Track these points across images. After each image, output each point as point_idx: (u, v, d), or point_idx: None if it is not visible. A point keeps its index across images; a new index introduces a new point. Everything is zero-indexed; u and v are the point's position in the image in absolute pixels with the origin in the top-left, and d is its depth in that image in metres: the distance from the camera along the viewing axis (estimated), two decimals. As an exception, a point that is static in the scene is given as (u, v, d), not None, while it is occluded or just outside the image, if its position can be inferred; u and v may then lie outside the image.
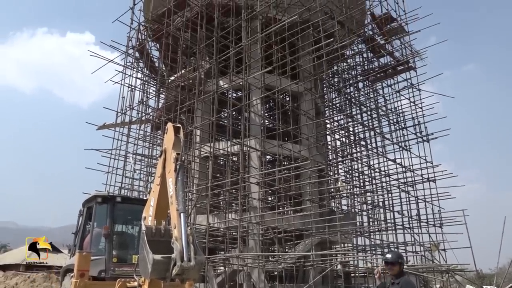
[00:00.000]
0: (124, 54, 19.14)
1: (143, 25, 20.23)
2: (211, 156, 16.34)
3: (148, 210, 5.84)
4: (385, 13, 20.63)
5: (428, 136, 18.31)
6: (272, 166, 20.05)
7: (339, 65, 21.62)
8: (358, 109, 20.08)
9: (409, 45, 19.84)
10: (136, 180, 18.40)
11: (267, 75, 16.96)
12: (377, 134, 19.38)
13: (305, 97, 18.43)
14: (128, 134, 18.22)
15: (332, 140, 20.01)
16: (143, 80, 19.54)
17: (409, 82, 19.31)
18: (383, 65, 20.47)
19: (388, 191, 18.44)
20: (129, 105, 18.53)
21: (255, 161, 16.82)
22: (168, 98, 19.49)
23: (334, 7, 17.94)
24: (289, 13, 16.87)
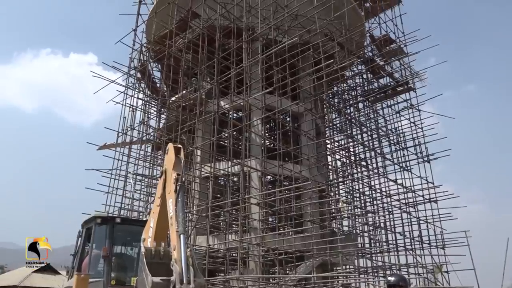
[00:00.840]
0: (126, 75, 19.34)
1: (145, 47, 20.49)
2: (211, 177, 16.30)
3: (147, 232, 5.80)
4: (384, 35, 20.92)
5: (429, 156, 18.30)
6: (273, 187, 19.97)
7: (339, 86, 21.78)
8: (359, 130, 20.12)
9: (409, 66, 20.02)
10: (136, 200, 18.33)
11: (267, 96, 17.06)
12: (378, 154, 19.36)
13: (305, 117, 18.49)
14: (128, 154, 18.25)
15: (332, 160, 20.00)
16: (145, 100, 19.67)
17: (409, 103, 19.42)
18: (383, 86, 20.61)
19: (390, 212, 18.31)
20: (130, 125, 18.62)
21: (255, 182, 16.77)
22: (169, 118, 19.57)
23: (334, 29, 18.17)
24: (289, 35, 17.09)
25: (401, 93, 20.18)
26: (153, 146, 19.79)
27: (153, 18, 19.90)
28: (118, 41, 19.23)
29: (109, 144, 19.17)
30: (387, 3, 21.43)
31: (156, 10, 19.87)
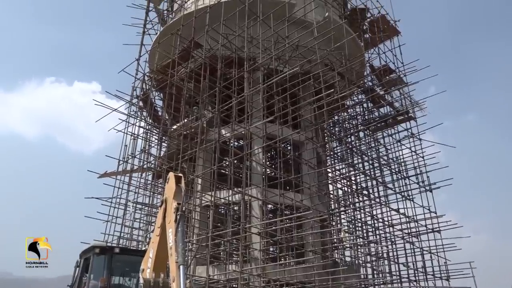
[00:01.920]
0: (128, 104, 19.51)
1: (147, 76, 20.76)
2: (212, 205, 16.17)
3: (146, 262, 5.70)
4: (383, 65, 21.24)
5: (431, 185, 18.22)
6: (274, 216, 19.78)
7: (339, 115, 21.90)
8: (360, 159, 20.10)
9: (409, 95, 20.21)
10: (136, 229, 18.14)
11: (268, 125, 17.13)
12: (379, 183, 19.27)
13: (306, 146, 18.51)
14: (129, 183, 18.17)
15: (334, 189, 19.88)
16: (146, 128, 19.77)
17: (410, 132, 19.48)
18: (383, 115, 20.73)
19: (392, 242, 18.07)
20: (131, 153, 18.63)
21: (256, 211, 16.61)
22: (170, 146, 19.60)
23: (334, 59, 18.43)
24: (290, 65, 17.33)
25: (401, 122, 20.28)
26: (154, 174, 19.74)
27: (156, 48, 20.25)
28: (121, 71, 19.54)
29: (109, 172, 19.12)
30: (386, 34, 21.85)
31: (159, 40, 20.24)
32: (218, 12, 17.83)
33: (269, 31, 17.34)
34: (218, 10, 17.94)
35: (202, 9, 18.72)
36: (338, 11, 21.66)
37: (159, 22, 23.13)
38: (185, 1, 20.96)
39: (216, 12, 17.91)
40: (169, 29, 20.13)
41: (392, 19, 22.13)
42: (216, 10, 18.03)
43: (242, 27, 17.55)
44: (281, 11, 17.50)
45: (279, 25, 17.40)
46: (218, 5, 18.28)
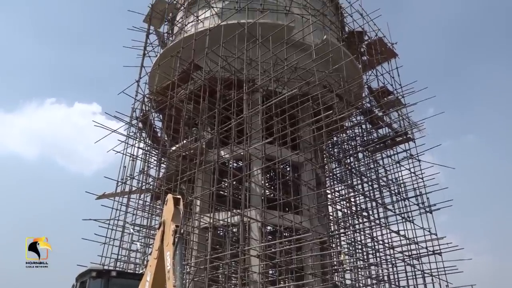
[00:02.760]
0: (128, 125, 19.55)
1: (147, 97, 20.87)
2: (210, 227, 16.02)
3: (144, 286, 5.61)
4: (381, 86, 21.42)
5: (431, 207, 18.11)
6: (273, 238, 19.59)
7: (338, 136, 21.95)
8: (359, 180, 20.05)
9: (407, 116, 20.30)
10: (133, 252, 17.90)
11: (267, 146, 17.14)
12: (379, 205, 19.17)
13: (305, 167, 18.48)
14: (127, 204, 18.02)
15: (333, 211, 19.77)
16: (145, 150, 19.75)
17: (409, 153, 19.49)
18: (382, 136, 20.78)
19: (393, 265, 17.87)
20: (130, 174, 18.56)
21: (255, 232, 16.45)
22: (169, 168, 19.55)
23: (333, 81, 18.59)
24: (289, 87, 17.46)
25: (400, 143, 20.32)
26: (152, 195, 19.62)
27: (156, 70, 20.43)
28: (120, 92, 19.65)
29: (108, 194, 18.99)
30: (383, 56, 22.12)
31: (159, 62, 20.43)
32: (217, 34, 18.07)
33: (268, 53, 17.54)
34: (217, 33, 18.18)
35: (202, 31, 18.98)
36: (336, 34, 21.97)
37: (159, 45, 23.41)
38: (185, 24, 21.26)
39: (216, 35, 18.15)
40: (169, 51, 20.36)
41: (389, 41, 22.46)
42: (216, 33, 18.28)
43: (241, 50, 17.75)
44: (280, 34, 17.74)
45: (278, 47, 17.61)
46: (217, 28, 18.54)
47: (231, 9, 19.61)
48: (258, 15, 18.79)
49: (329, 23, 20.88)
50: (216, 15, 19.93)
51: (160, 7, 22.08)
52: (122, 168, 18.56)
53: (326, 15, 20.81)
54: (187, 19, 21.32)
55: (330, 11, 22.28)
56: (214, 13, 20.02)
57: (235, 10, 19.20)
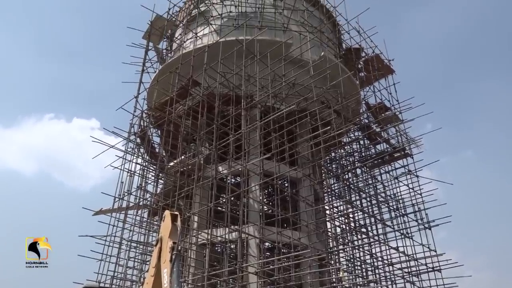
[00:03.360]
0: (126, 140, 19.52)
1: (145, 113, 20.90)
2: (208, 244, 15.88)
3: (140, 304, 5.53)
4: (379, 102, 21.54)
5: (430, 223, 18.04)
6: (271, 254, 19.42)
7: (336, 151, 21.96)
8: (357, 196, 19.99)
9: (405, 132, 20.36)
10: (130, 268, 17.69)
11: (266, 161, 17.12)
12: (378, 221, 19.07)
13: (303, 183, 18.43)
14: (124, 220, 17.88)
15: (332, 227, 19.66)
16: (143, 165, 19.69)
17: (407, 169, 19.49)
18: (380, 152, 20.80)
19: (392, 282, 17.68)
20: (127, 190, 18.46)
21: (253, 249, 16.31)
22: (167, 183, 19.47)
23: (330, 97, 18.68)
24: (287, 103, 17.53)
25: (398, 159, 20.33)
26: (150, 211, 19.49)
27: (155, 86, 20.51)
28: (119, 108, 19.71)
29: (105, 210, 18.89)
30: (381, 73, 22.30)
31: (158, 78, 20.53)
32: (216, 51, 18.20)
33: (266, 69, 17.65)
34: (216, 49, 18.32)
35: (201, 48, 19.13)
36: (334, 50, 22.17)
37: (158, 61, 23.56)
38: (184, 41, 21.44)
39: (214, 51, 18.28)
40: (167, 68, 20.48)
41: (386, 58, 22.68)
42: (214, 49, 18.42)
43: (239, 66, 17.86)
44: (278, 51, 17.88)
45: (276, 63, 17.73)
46: (216, 44, 18.69)
47: (229, 26, 19.82)
48: (256, 32, 18.98)
49: (326, 40, 21.10)
50: (214, 32, 20.13)
51: (159, 24, 22.29)
52: (120, 184, 18.49)
53: (323, 32, 21.04)
54: (186, 36, 21.53)
55: (328, 28, 22.53)
56: (212, 30, 20.22)
57: (233, 27, 19.41)
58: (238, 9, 20.58)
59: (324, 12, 22.47)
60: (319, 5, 22.34)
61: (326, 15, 22.75)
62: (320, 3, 22.33)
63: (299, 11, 20.73)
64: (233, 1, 20.80)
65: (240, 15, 20.38)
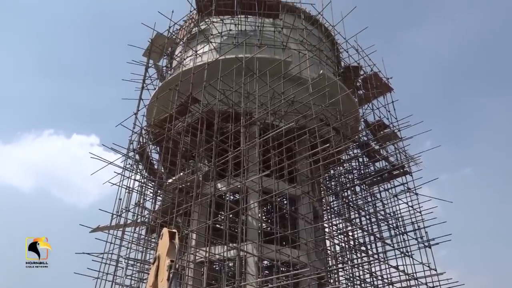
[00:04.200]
0: (125, 157, 19.51)
1: (145, 129, 20.93)
2: (206, 261, 15.71)
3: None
4: (377, 120, 21.62)
5: (430, 241, 17.90)
6: (270, 273, 19.21)
7: (335, 169, 21.95)
8: (357, 213, 19.90)
9: (403, 150, 20.39)
10: (127, 287, 17.46)
11: (264, 179, 17.07)
12: (377, 239, 18.94)
13: (302, 200, 18.36)
14: (121, 237, 17.73)
15: (331, 245, 19.51)
16: (141, 182, 19.62)
17: (406, 187, 19.44)
18: (379, 169, 20.80)
19: (393, 301, 17.44)
20: (126, 207, 18.35)
21: (252, 267, 16.14)
22: (165, 200, 19.38)
23: (329, 115, 18.76)
24: (286, 120, 17.59)
25: (397, 176, 20.31)
26: (148, 228, 19.34)
27: (154, 102, 20.60)
28: (118, 124, 19.74)
29: (102, 227, 18.72)
30: (379, 90, 22.46)
31: (158, 95, 20.65)
32: (216, 68, 18.35)
33: (266, 87, 17.76)
34: (216, 66, 18.47)
35: (201, 65, 19.28)
36: (332, 68, 22.37)
37: (158, 78, 23.71)
38: (184, 58, 21.63)
39: (214, 69, 18.43)
40: (167, 85, 20.61)
41: (384, 76, 22.88)
42: (214, 66, 18.57)
43: (239, 83, 17.98)
44: (277, 68, 18.04)
45: (275, 81, 17.86)
46: (216, 62, 18.85)
47: (229, 44, 20.03)
48: (256, 50, 19.16)
49: (325, 58, 21.30)
50: (214, 49, 20.33)
51: (160, 42, 22.51)
52: (118, 201, 18.39)
53: (322, 51, 21.26)
54: (186, 54, 21.72)
55: (326, 47, 22.77)
56: (212, 48, 20.42)
57: (233, 45, 19.60)
58: (238, 28, 20.85)
59: (323, 31, 22.75)
60: (318, 24, 22.63)
61: (325, 34, 23.03)
62: (319, 22, 22.61)
63: (298, 29, 20.99)
64: (233, 20, 21.07)
65: (239, 34, 20.63)
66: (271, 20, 21.28)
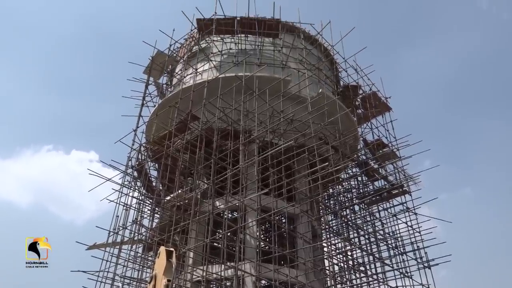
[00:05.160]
0: (123, 174, 19.42)
1: (144, 146, 20.91)
2: (203, 281, 15.50)
3: None
4: (376, 139, 21.67)
5: (429, 262, 17.72)
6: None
7: (334, 188, 21.88)
8: (356, 233, 19.74)
9: (402, 169, 20.36)
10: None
11: (263, 197, 17.00)
12: (377, 259, 18.75)
13: (301, 219, 18.24)
14: (118, 255, 17.51)
15: (330, 265, 19.28)
16: (139, 199, 19.50)
17: (405, 206, 19.35)
18: (378, 188, 20.73)
19: (392, 323, 17.16)
20: (123, 224, 18.18)
21: (249, 287, 15.91)
22: (163, 218, 19.23)
23: (328, 133, 18.79)
24: (285, 138, 17.61)
25: (396, 196, 20.23)
26: (145, 246, 19.14)
27: (154, 119, 20.64)
28: (117, 141, 19.71)
29: (98, 244, 18.52)
30: (378, 110, 22.57)
31: (157, 112, 20.70)
32: (215, 86, 18.44)
33: (265, 105, 17.84)
34: (215, 84, 18.57)
35: (201, 83, 19.40)
36: (331, 87, 22.52)
37: (158, 95, 23.82)
38: (184, 76, 21.77)
39: (214, 87, 18.52)
40: (167, 102, 20.68)
41: (383, 95, 23.03)
42: (214, 84, 18.67)
43: (238, 101, 18.06)
44: (276, 87, 18.14)
45: (274, 99, 17.95)
46: (216, 80, 18.96)
47: (229, 63, 20.20)
48: (256, 68, 19.31)
49: (324, 77, 21.47)
50: (214, 68, 20.49)
51: (160, 60, 22.70)
52: (115, 218, 18.23)
53: (321, 70, 21.45)
54: (186, 71, 21.87)
55: (326, 66, 22.98)
56: (212, 66, 20.58)
57: (233, 64, 19.77)
58: (238, 46, 21.07)
59: (322, 50, 23.00)
60: (317, 44, 22.89)
61: (324, 53, 23.28)
62: (318, 42, 22.88)
63: (298, 49, 21.21)
64: (233, 39, 21.30)
65: (239, 52, 20.83)
66: (271, 39, 21.51)
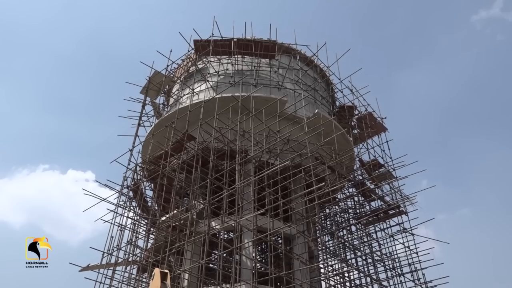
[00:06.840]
0: (118, 193, 19.28)
1: (140, 166, 20.83)
2: (198, 303, 15.24)
3: None
4: (372, 159, 21.72)
5: (427, 283, 17.54)
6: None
7: (331, 208, 21.79)
8: (353, 254, 19.57)
9: (399, 190, 20.35)
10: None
11: (259, 217, 16.86)
12: (374, 280, 18.53)
13: (297, 240, 18.08)
14: (112, 277, 17.24)
15: (327, 287, 19.02)
16: (134, 219, 19.31)
17: (402, 227, 19.26)
18: (375, 209, 20.66)
19: None
20: (117, 245, 17.95)
21: (245, 309, 15.65)
22: (158, 238, 19.02)
23: (324, 153, 18.82)
24: (281, 158, 17.61)
25: (393, 216, 20.16)
26: (139, 267, 18.85)
27: (150, 139, 20.63)
28: (113, 161, 19.65)
29: (92, 266, 18.22)
30: (374, 130, 22.69)
31: (154, 132, 20.71)
32: (212, 106, 18.54)
33: (261, 125, 17.90)
34: (212, 105, 18.67)
35: (197, 103, 19.49)
36: (327, 108, 22.68)
37: (155, 115, 23.87)
38: (181, 96, 21.88)
39: (210, 107, 18.62)
40: (163, 122, 20.73)
41: (379, 116, 23.20)
42: (210, 105, 18.78)
43: (235, 121, 18.12)
44: (272, 107, 18.26)
45: (270, 120, 18.03)
46: (212, 100, 19.07)
47: (225, 83, 20.36)
48: (252, 89, 19.47)
49: (320, 97, 21.65)
50: (211, 88, 20.63)
51: (157, 80, 22.84)
52: (110, 238, 18.00)
53: (317, 90, 21.64)
54: (183, 91, 22.00)
55: (321, 87, 23.19)
56: (209, 86, 20.72)
57: (229, 84, 19.91)
58: (234, 67, 21.28)
59: (318, 71, 23.25)
60: (313, 65, 23.15)
61: (320, 74, 23.52)
62: (314, 63, 23.15)
63: (294, 70, 21.44)
64: (230, 60, 21.51)
65: (236, 73, 21.03)
66: (267, 60, 21.76)
